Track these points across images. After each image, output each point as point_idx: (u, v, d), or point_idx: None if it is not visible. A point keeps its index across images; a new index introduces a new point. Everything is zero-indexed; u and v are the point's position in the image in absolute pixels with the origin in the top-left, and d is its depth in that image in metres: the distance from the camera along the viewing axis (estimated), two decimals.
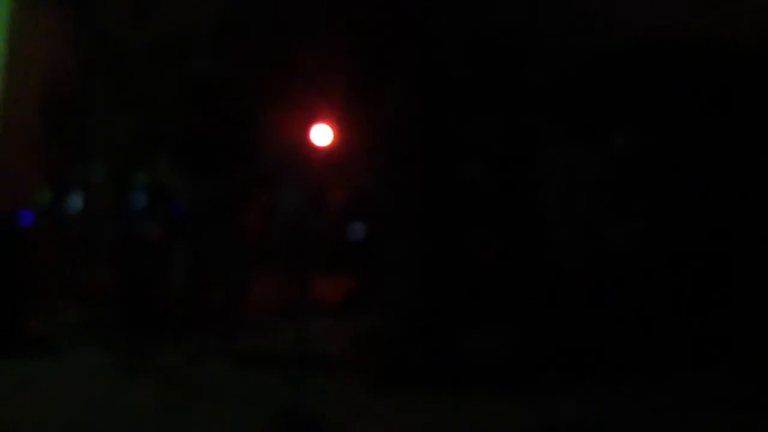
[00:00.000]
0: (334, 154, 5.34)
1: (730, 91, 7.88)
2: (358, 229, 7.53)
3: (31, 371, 5.39)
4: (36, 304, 6.36)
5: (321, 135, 5.44)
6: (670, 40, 8.36)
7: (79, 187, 7.56)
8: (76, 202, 7.54)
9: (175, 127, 5.77)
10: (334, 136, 5.38)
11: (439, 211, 7.20)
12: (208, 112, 5.71)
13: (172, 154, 5.74)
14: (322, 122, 5.47)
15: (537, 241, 6.71)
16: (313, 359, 5.13)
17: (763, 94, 7.66)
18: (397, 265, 5.36)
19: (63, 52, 8.47)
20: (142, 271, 6.49)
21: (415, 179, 6.03)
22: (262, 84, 7.71)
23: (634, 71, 8.13)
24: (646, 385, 5.52)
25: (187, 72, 5.78)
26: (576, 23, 8.72)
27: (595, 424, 4.85)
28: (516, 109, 8.12)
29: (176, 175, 5.67)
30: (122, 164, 7.17)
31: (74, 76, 8.50)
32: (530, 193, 6.90)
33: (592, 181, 6.60)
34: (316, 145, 5.39)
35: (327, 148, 5.37)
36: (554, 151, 6.73)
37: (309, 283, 6.25)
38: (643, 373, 5.73)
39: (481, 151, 7.55)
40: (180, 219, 5.72)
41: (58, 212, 7.44)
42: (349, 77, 5.54)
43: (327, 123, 5.45)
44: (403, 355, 5.37)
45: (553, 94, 8.18)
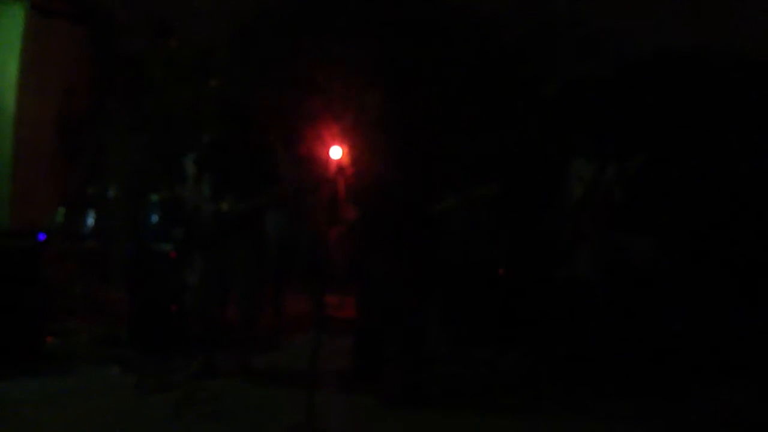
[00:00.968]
0: (348, 171, 5.35)
1: (746, 106, 7.88)
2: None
3: (47, 389, 5.39)
4: (52, 322, 6.38)
5: (336, 153, 5.47)
6: (687, 57, 8.38)
7: (95, 205, 7.62)
8: (91, 221, 7.59)
9: (193, 146, 5.79)
10: (348, 154, 5.40)
11: (448, 226, 7.22)
12: (226, 131, 5.73)
13: (189, 173, 5.75)
14: (338, 141, 5.50)
15: (549, 257, 6.70)
16: (326, 376, 5.13)
17: None
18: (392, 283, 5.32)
19: (79, 70, 8.54)
20: (157, 289, 6.52)
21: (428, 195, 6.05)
22: (280, 102, 7.78)
23: (650, 87, 8.14)
24: (664, 403, 5.47)
25: (205, 90, 5.81)
26: (592, 40, 8.76)
27: None
28: (531, 125, 8.15)
29: (193, 193, 5.68)
30: (138, 183, 7.22)
31: (90, 95, 8.56)
32: (545, 208, 6.89)
33: (606, 197, 6.58)
34: (332, 161, 5.42)
35: (341, 165, 5.39)
36: (568, 167, 6.73)
37: (323, 299, 6.26)
38: (662, 390, 5.69)
39: (497, 166, 7.56)
40: (195, 237, 5.72)
41: (74, 230, 7.48)
42: (364, 93, 5.54)
43: (342, 141, 5.48)
44: (411, 374, 5.33)
45: (567, 110, 8.20)
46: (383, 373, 5.38)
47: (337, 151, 5.32)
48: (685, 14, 8.37)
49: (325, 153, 5.39)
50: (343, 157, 5.24)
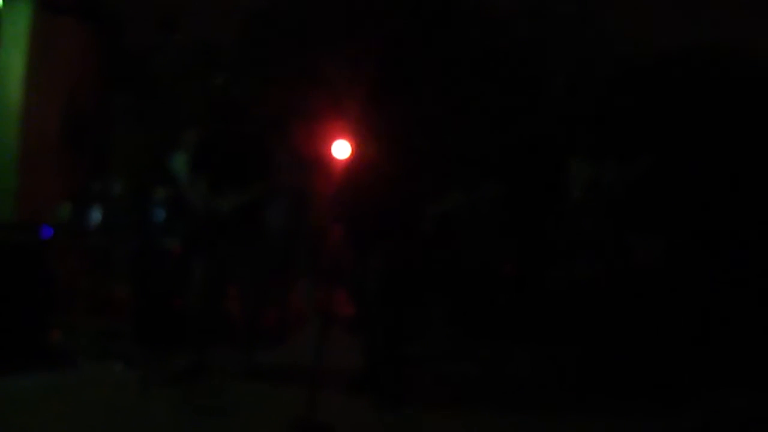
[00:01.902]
0: (353, 168, 5.35)
1: (754, 108, 7.86)
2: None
3: (51, 383, 5.41)
4: (56, 317, 6.40)
5: (341, 149, 5.48)
6: (694, 57, 8.37)
7: (100, 201, 7.63)
8: (96, 216, 7.61)
9: (197, 141, 5.79)
10: (353, 151, 5.41)
11: (453, 226, 7.21)
12: (230, 127, 5.73)
13: (194, 168, 5.75)
14: (342, 137, 5.51)
15: (557, 259, 6.70)
16: (329, 373, 5.13)
17: None
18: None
19: (84, 66, 8.55)
20: (160, 285, 6.54)
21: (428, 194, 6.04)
22: (284, 98, 7.77)
23: (657, 88, 8.13)
24: (670, 404, 5.45)
25: (210, 86, 5.81)
26: (599, 40, 8.75)
27: None
28: (539, 126, 8.15)
29: (197, 190, 5.68)
30: (142, 179, 7.23)
31: (95, 90, 8.57)
32: (551, 211, 6.89)
33: (614, 199, 6.58)
34: (337, 160, 5.43)
35: (346, 162, 5.40)
36: (576, 169, 6.73)
37: (328, 297, 6.27)
38: (668, 391, 5.66)
39: (503, 167, 7.56)
40: (199, 233, 5.73)
41: (79, 226, 7.50)
42: (368, 91, 5.54)
43: (346, 137, 5.49)
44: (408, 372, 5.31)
45: (575, 110, 8.20)
46: (379, 372, 5.34)
47: (341, 147, 5.33)
48: (690, 14, 8.35)
49: (329, 149, 5.41)
50: (348, 153, 5.25)
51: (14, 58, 7.88)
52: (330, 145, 5.48)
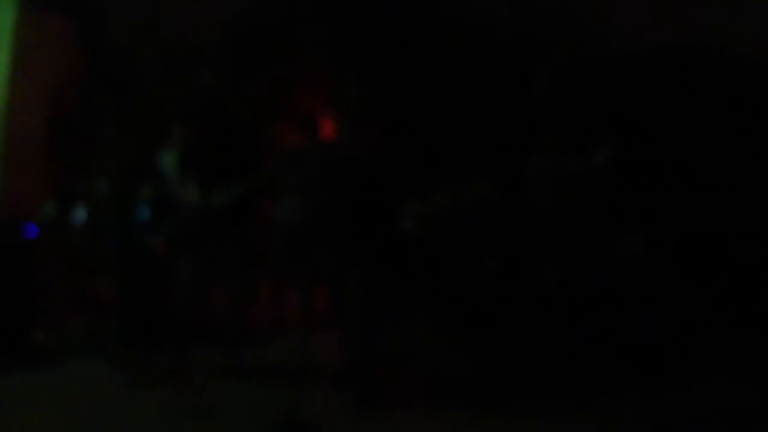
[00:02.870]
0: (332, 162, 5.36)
1: (739, 101, 7.92)
2: None
3: (36, 383, 5.41)
4: (41, 316, 6.39)
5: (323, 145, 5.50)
6: (680, 51, 8.41)
7: (84, 199, 7.61)
8: (80, 214, 7.59)
9: (181, 140, 5.79)
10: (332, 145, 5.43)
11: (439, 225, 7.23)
12: (214, 124, 5.74)
13: (178, 166, 5.75)
14: (322, 131, 5.53)
15: (536, 254, 6.70)
16: (313, 371, 5.14)
17: None
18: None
19: (68, 63, 8.51)
20: (146, 283, 6.53)
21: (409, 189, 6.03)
22: (266, 95, 7.76)
23: (642, 81, 8.18)
24: (654, 398, 5.47)
25: (194, 84, 5.81)
26: (584, 33, 8.78)
27: None
28: (521, 119, 8.17)
29: (181, 187, 5.68)
30: (127, 177, 7.21)
31: (80, 88, 8.54)
32: (528, 205, 6.90)
33: (594, 192, 6.60)
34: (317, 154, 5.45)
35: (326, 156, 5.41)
36: (556, 162, 6.73)
37: (310, 294, 6.27)
38: (653, 385, 5.68)
39: (483, 161, 7.58)
40: (184, 231, 5.73)
41: (63, 224, 7.47)
42: (348, 85, 5.54)
43: (326, 131, 5.51)
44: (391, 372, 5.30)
45: (558, 104, 8.23)
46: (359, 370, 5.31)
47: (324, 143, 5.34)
48: (674, 12, 8.38)
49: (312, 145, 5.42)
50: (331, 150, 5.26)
51: None
52: (313, 140, 5.48)
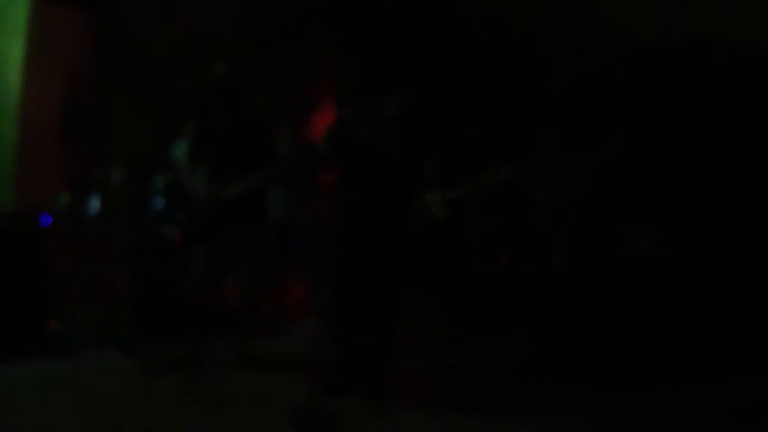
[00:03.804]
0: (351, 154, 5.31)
1: (749, 97, 7.84)
2: None
3: (50, 371, 5.43)
4: (55, 305, 6.40)
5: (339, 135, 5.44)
6: (691, 46, 8.34)
7: (99, 189, 7.63)
8: (95, 204, 7.61)
9: (196, 130, 5.78)
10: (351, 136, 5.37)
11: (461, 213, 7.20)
12: (228, 114, 5.71)
13: (192, 157, 5.74)
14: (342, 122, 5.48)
15: (548, 252, 6.66)
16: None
17: None
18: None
19: (83, 53, 8.53)
20: (159, 273, 6.54)
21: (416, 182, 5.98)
22: (280, 86, 7.75)
23: (653, 77, 8.11)
24: (658, 398, 5.40)
25: (208, 74, 5.78)
26: (595, 28, 8.72)
27: None
28: (531, 114, 8.13)
29: (195, 177, 5.67)
30: (141, 167, 7.22)
31: (94, 78, 8.56)
32: (541, 202, 6.85)
33: (607, 189, 6.56)
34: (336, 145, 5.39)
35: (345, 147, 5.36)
36: (568, 159, 6.70)
37: (321, 285, 6.25)
38: (657, 385, 5.60)
39: (496, 154, 7.54)
40: (198, 221, 5.72)
41: (78, 214, 7.50)
42: (360, 79, 5.49)
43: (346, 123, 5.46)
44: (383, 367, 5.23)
45: (569, 100, 8.18)
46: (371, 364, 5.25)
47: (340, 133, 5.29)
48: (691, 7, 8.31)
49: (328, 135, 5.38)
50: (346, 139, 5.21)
51: (13, 46, 7.88)
52: (329, 130, 5.44)
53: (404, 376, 5.37)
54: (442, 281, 7.20)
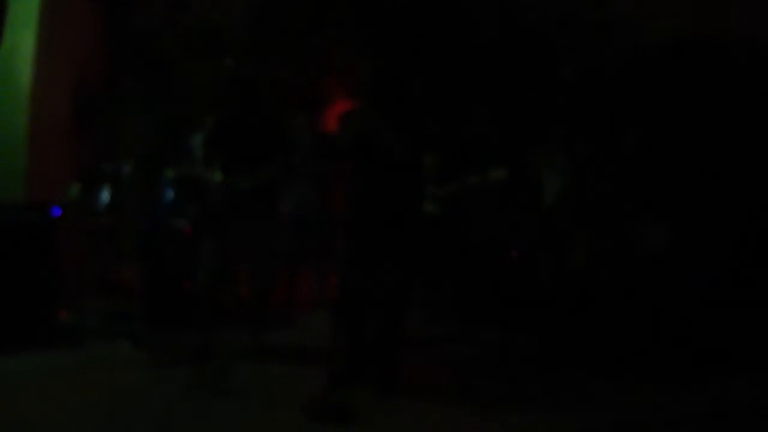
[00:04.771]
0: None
1: (760, 94, 7.79)
2: None
3: (60, 363, 5.42)
4: (65, 297, 6.40)
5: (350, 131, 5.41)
6: (704, 43, 8.29)
7: (110, 181, 7.63)
8: (105, 197, 7.60)
9: (208, 122, 5.76)
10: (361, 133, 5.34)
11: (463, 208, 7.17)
12: (241, 107, 5.69)
13: (204, 148, 5.72)
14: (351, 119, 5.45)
15: (563, 247, 6.63)
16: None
17: None
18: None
19: (94, 45, 8.52)
20: (170, 265, 6.53)
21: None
22: (292, 79, 7.74)
23: (665, 73, 8.06)
24: (669, 392, 5.34)
25: (221, 66, 5.77)
26: (607, 24, 8.69)
27: None
28: (545, 109, 8.10)
29: (206, 170, 5.65)
30: (152, 159, 7.21)
31: (106, 70, 8.55)
32: (555, 196, 6.82)
33: (621, 185, 6.51)
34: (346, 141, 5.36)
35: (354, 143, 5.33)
36: (582, 154, 6.67)
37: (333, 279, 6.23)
38: (669, 380, 5.56)
39: (509, 150, 7.52)
40: (209, 213, 5.70)
41: (88, 206, 7.49)
42: (374, 71, 5.44)
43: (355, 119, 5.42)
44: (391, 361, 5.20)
45: (581, 96, 8.14)
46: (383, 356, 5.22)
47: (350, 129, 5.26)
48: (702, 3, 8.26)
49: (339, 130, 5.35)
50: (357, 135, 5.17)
51: (24, 38, 7.85)
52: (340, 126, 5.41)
53: (415, 368, 5.36)
54: (453, 274, 7.19)
